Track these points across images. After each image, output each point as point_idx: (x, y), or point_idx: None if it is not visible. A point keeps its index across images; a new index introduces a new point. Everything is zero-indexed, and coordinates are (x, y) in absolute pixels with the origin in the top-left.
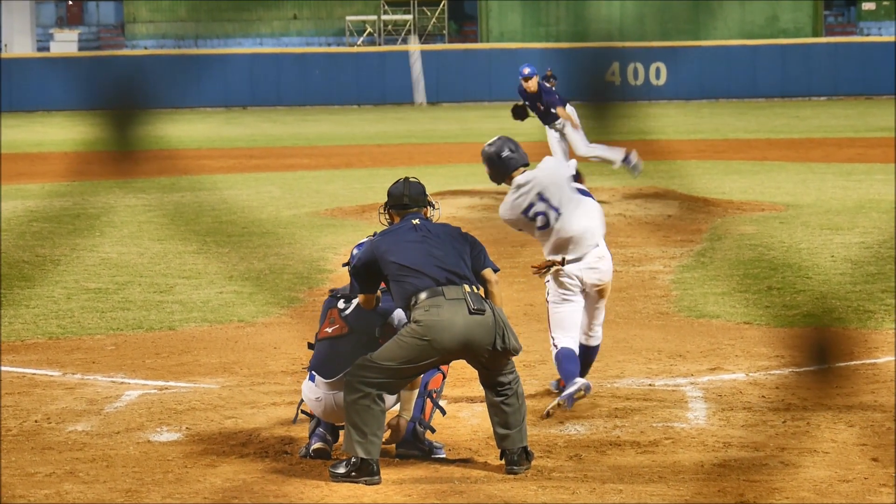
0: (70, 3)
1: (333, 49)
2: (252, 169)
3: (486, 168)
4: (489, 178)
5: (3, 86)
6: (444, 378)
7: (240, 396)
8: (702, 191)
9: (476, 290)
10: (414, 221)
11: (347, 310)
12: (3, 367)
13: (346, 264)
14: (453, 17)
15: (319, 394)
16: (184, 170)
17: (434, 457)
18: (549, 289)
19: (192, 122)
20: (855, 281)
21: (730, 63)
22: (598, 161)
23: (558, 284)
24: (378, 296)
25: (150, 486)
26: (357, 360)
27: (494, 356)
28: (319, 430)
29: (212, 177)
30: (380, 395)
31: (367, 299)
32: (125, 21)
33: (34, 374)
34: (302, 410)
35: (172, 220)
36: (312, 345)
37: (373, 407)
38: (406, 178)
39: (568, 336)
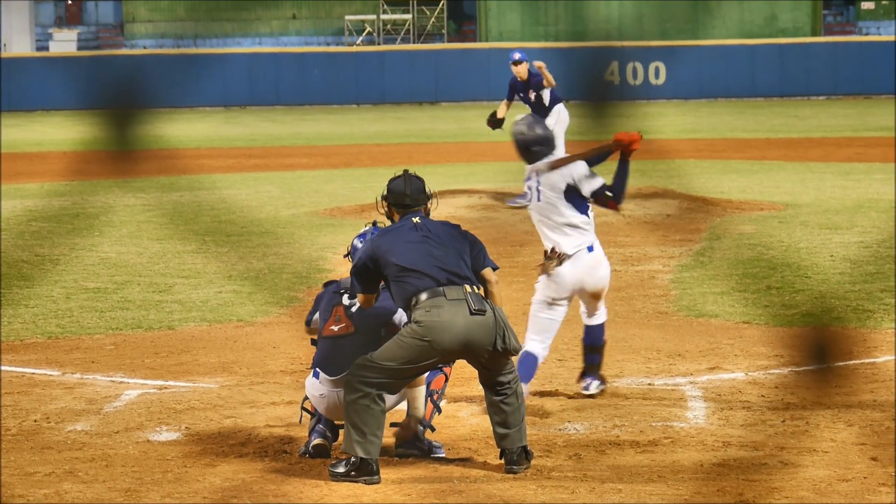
0: (69, 2)
1: (332, 49)
2: (251, 168)
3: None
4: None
5: (3, 85)
6: (446, 379)
7: (239, 396)
8: (701, 190)
9: (476, 291)
10: (414, 220)
11: (353, 307)
12: (3, 367)
13: (347, 255)
14: (452, 17)
15: (324, 390)
16: (183, 169)
17: (433, 456)
18: (538, 288)
19: (190, 121)
20: (854, 280)
21: (728, 62)
22: None
23: (549, 286)
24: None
25: (149, 485)
26: (357, 360)
27: (494, 356)
28: (319, 426)
29: (211, 176)
30: (380, 395)
31: (366, 299)
32: (124, 21)
33: (33, 373)
34: (303, 408)
35: (171, 220)
36: (316, 341)
37: (372, 407)
38: (406, 174)
39: (538, 342)
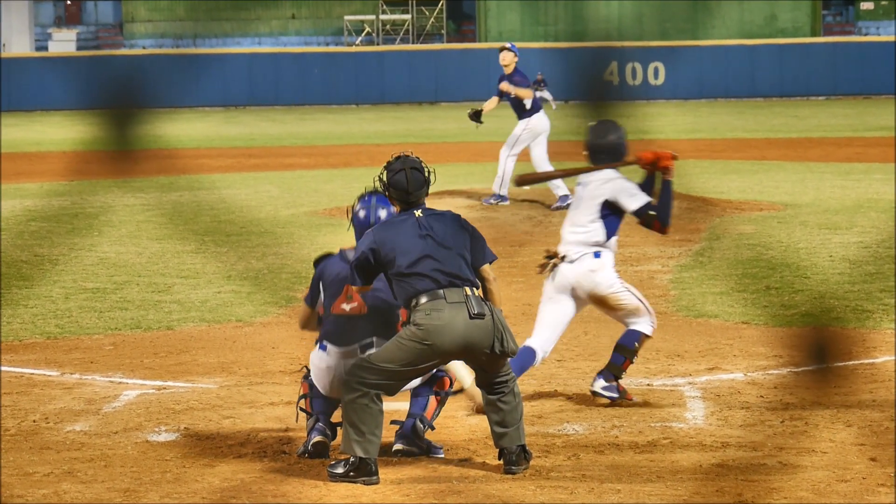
0: (68, 2)
1: (332, 49)
2: (250, 168)
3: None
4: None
5: (3, 85)
6: (451, 383)
7: (238, 396)
8: (700, 190)
9: (476, 293)
10: (417, 214)
11: None
12: (2, 367)
13: (352, 221)
14: (451, 17)
15: (331, 362)
16: (182, 169)
17: (432, 456)
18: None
19: (190, 121)
20: (853, 280)
21: (728, 63)
22: (499, 173)
23: (549, 282)
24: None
25: (148, 485)
26: (355, 361)
27: (492, 358)
28: (319, 425)
29: (210, 176)
30: (378, 395)
31: (363, 290)
32: (123, 21)
33: (32, 373)
34: (300, 408)
35: (171, 220)
36: (322, 317)
37: (371, 406)
38: (406, 165)
39: (537, 335)
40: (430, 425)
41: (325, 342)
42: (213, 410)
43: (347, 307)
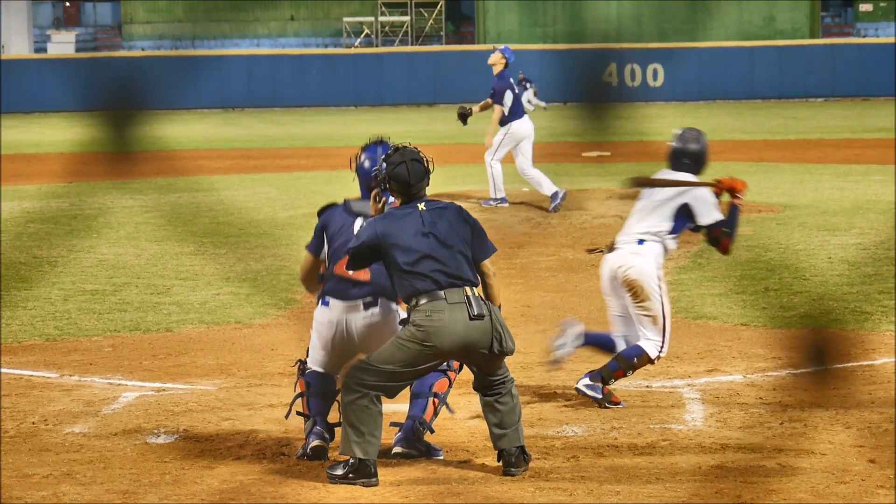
0: (67, 4)
1: (331, 50)
2: (249, 170)
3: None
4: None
5: (1, 87)
6: (450, 384)
7: (237, 398)
8: None
9: (476, 292)
10: (420, 208)
11: None
12: (1, 369)
13: (356, 171)
14: (450, 18)
15: (332, 317)
16: (181, 171)
17: (432, 458)
18: None
19: (189, 122)
20: (852, 282)
21: (727, 64)
22: (490, 179)
23: (601, 277)
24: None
25: (147, 487)
26: (355, 363)
27: (490, 358)
28: (317, 428)
29: (209, 178)
30: (377, 396)
31: (360, 274)
32: (122, 22)
33: (31, 375)
34: (297, 412)
35: (169, 222)
36: (324, 275)
37: (371, 407)
38: (406, 157)
39: (614, 330)
40: (429, 427)
41: (327, 298)
42: (212, 412)
43: (352, 272)
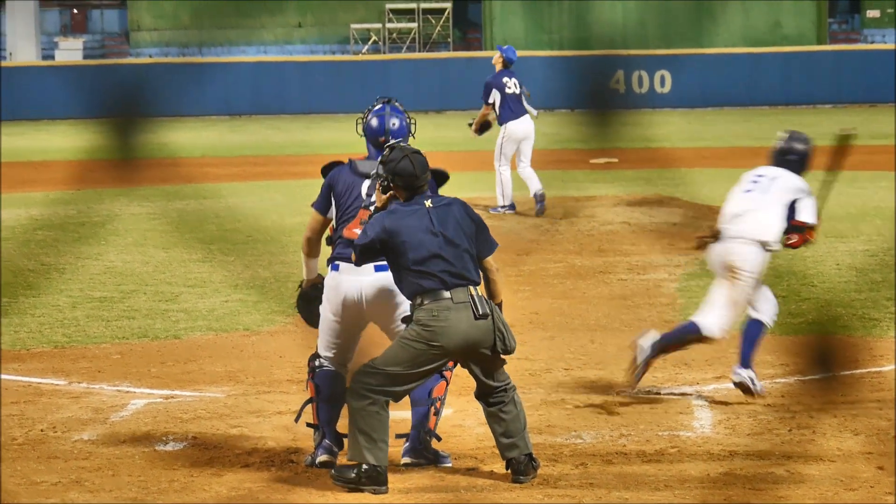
0: (74, 11)
1: (338, 57)
2: (256, 177)
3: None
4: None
5: (8, 94)
6: (447, 385)
7: (245, 405)
8: (706, 198)
9: (478, 291)
10: (427, 205)
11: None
12: (9, 377)
13: (364, 130)
14: (457, 25)
15: (342, 280)
16: (188, 178)
17: (440, 466)
18: None
19: (195, 129)
20: (860, 288)
21: (733, 70)
22: (497, 185)
23: (709, 262)
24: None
25: (155, 495)
26: (359, 368)
27: (493, 358)
28: (325, 442)
29: (216, 185)
30: (386, 402)
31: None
32: (129, 29)
33: (40, 382)
34: (307, 423)
35: (177, 229)
36: (331, 238)
37: (381, 413)
38: (406, 152)
39: (700, 313)
40: (435, 435)
41: (336, 262)
42: (221, 419)
43: (357, 265)
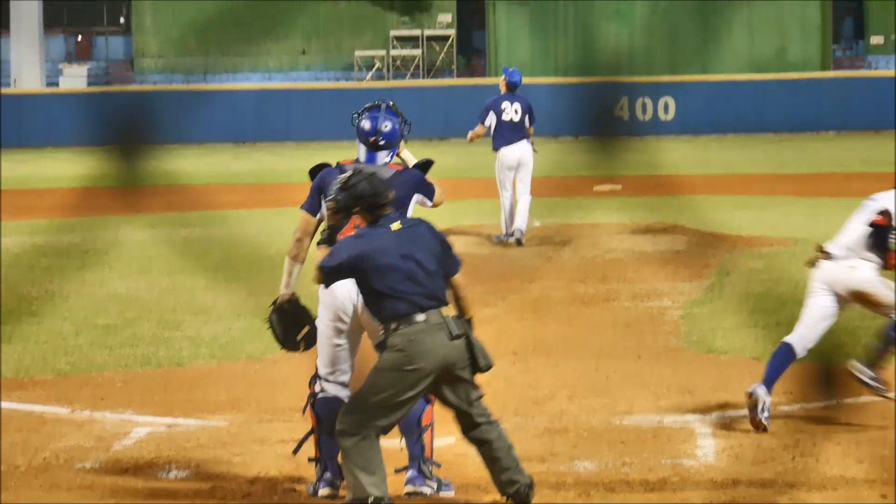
0: (79, 38)
1: (342, 84)
2: (261, 204)
3: None
4: None
5: (14, 121)
6: (432, 407)
7: (248, 433)
8: (710, 225)
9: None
10: (394, 228)
11: None
12: (13, 405)
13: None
14: (461, 52)
15: (337, 284)
16: (192, 205)
17: (443, 493)
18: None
19: (200, 156)
20: (864, 316)
21: (738, 97)
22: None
23: (816, 274)
24: None
25: None
26: (345, 406)
27: (470, 381)
28: (327, 475)
29: (220, 212)
30: (377, 435)
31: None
32: (134, 56)
33: (43, 410)
34: (309, 458)
35: (181, 256)
36: (323, 240)
37: (374, 446)
38: (365, 174)
39: (796, 330)
40: (434, 463)
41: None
42: (224, 448)
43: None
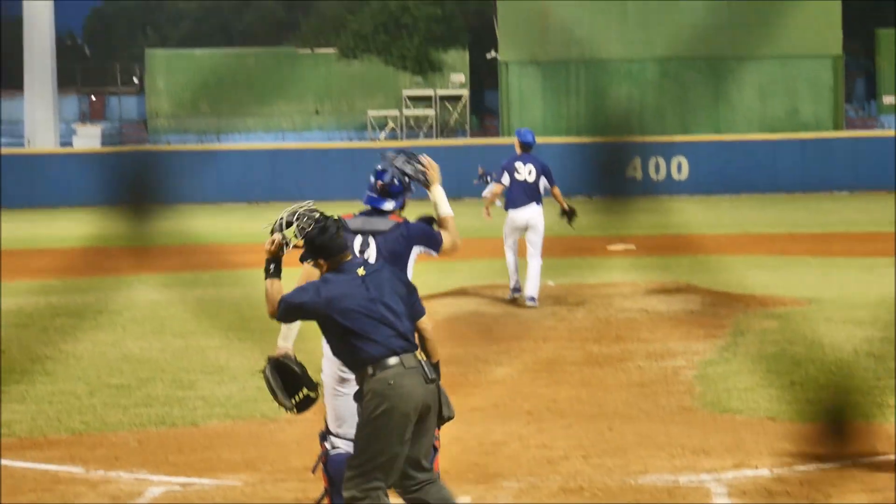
0: (93, 98)
1: (355, 144)
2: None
3: None
4: None
5: (27, 180)
6: (436, 452)
7: (262, 493)
8: (724, 285)
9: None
10: (360, 272)
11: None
12: (27, 464)
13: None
14: (475, 112)
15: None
16: (206, 265)
17: None
18: None
19: (213, 216)
20: (878, 375)
21: (751, 157)
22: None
23: None
24: None
25: None
26: (346, 471)
27: (432, 431)
28: None
29: (234, 272)
30: (385, 493)
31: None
32: (147, 116)
33: (57, 470)
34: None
35: (195, 316)
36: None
37: (383, 500)
38: (324, 220)
39: None
40: None
41: None
42: None
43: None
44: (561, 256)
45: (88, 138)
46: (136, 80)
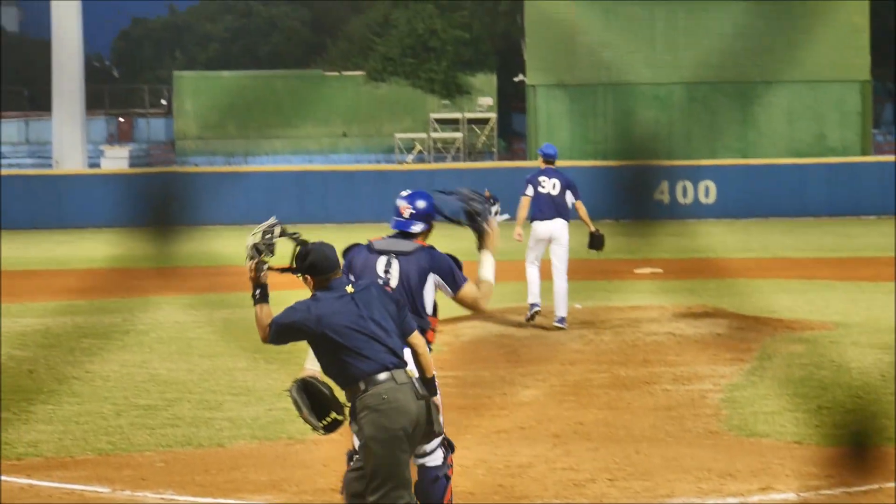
0: (121, 119)
1: (383, 166)
2: (300, 285)
3: None
4: None
5: (54, 201)
6: (448, 481)
7: None
8: (751, 309)
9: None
10: (349, 291)
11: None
12: (54, 484)
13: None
14: (502, 135)
15: None
16: (233, 286)
17: None
18: None
19: (240, 238)
20: None
21: (778, 181)
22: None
23: None
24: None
25: None
26: (368, 499)
27: (426, 437)
28: None
29: None
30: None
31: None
32: (175, 138)
33: (84, 490)
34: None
35: (222, 337)
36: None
37: None
38: (312, 245)
39: None
40: None
41: None
42: None
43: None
44: (587, 279)
45: (116, 160)
46: (163, 102)
